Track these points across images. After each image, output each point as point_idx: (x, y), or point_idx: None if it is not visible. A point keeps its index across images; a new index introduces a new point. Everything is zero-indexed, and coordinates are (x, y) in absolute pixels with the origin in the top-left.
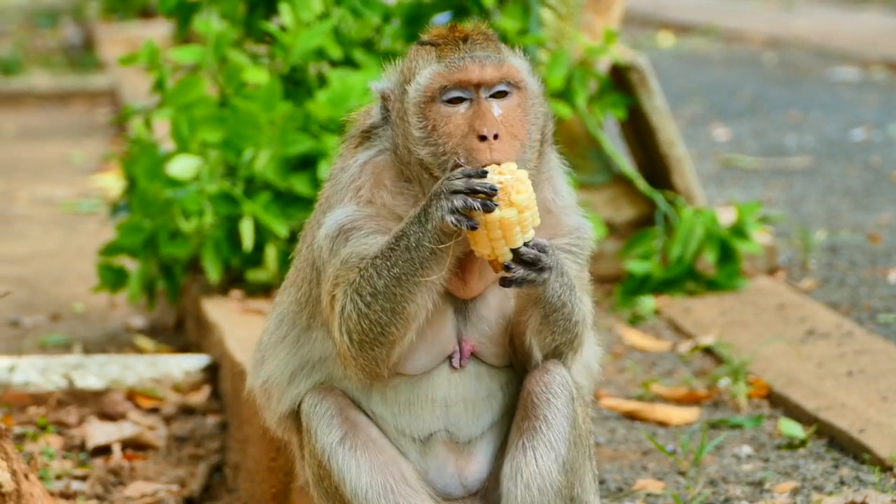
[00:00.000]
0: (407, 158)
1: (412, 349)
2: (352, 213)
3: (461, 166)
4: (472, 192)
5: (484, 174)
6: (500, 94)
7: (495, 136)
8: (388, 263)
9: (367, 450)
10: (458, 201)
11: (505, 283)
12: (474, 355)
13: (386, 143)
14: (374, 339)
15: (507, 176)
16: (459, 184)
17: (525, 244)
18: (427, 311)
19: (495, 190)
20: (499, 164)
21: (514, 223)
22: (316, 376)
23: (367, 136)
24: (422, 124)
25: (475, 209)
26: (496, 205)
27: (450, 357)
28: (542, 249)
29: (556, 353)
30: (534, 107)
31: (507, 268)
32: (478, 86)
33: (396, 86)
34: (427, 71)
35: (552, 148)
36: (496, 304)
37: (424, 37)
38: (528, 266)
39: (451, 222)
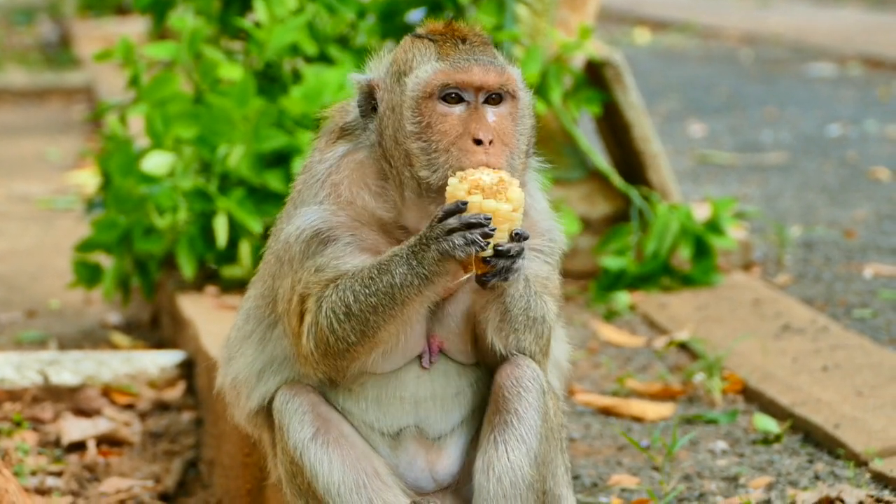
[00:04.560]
0: (392, 152)
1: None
2: (329, 216)
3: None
4: (468, 227)
5: (465, 206)
6: (495, 101)
7: (490, 142)
8: (367, 292)
9: (339, 446)
10: (459, 240)
11: (484, 277)
12: (443, 353)
13: (367, 138)
14: (339, 352)
15: (503, 173)
16: (453, 222)
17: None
18: (399, 339)
19: (489, 218)
20: (491, 168)
21: (506, 218)
22: (284, 373)
23: (346, 132)
24: (416, 119)
25: (477, 241)
26: (494, 229)
27: (419, 356)
28: (524, 238)
29: (523, 354)
30: (523, 117)
31: (485, 261)
32: (478, 89)
33: (388, 77)
34: (429, 66)
35: (533, 156)
36: (464, 300)
37: (420, 30)
38: (506, 258)
39: (460, 256)
